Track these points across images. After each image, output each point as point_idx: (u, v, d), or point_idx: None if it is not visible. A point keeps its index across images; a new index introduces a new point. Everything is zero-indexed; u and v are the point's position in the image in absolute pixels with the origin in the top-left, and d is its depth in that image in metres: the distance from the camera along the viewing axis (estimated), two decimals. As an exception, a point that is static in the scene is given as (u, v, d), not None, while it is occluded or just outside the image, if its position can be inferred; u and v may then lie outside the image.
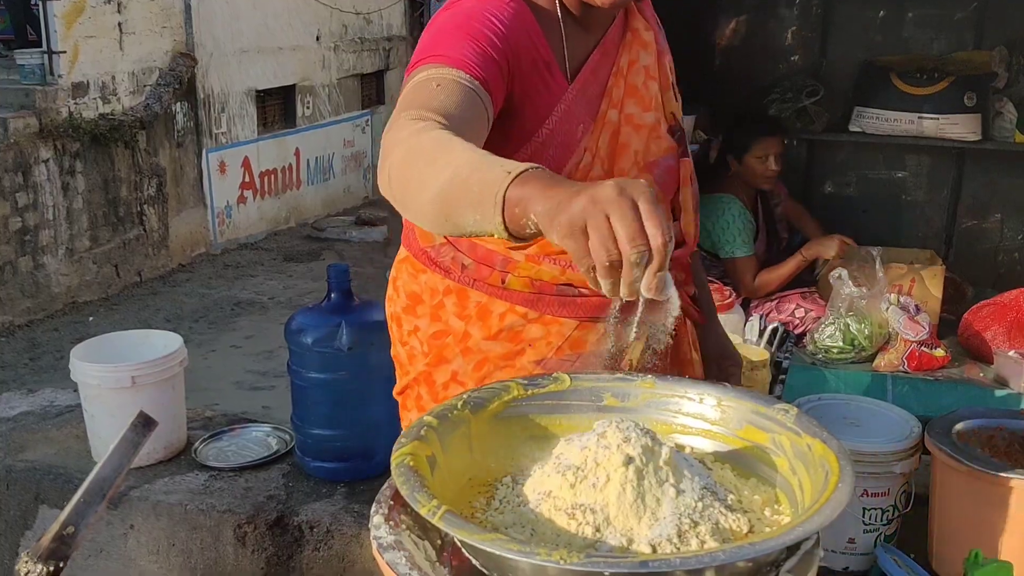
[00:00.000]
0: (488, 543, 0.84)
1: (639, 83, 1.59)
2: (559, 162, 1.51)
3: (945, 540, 2.35)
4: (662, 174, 1.64)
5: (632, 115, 1.58)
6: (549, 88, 1.50)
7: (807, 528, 0.84)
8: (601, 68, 1.57)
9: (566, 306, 1.59)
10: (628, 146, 1.58)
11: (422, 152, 1.18)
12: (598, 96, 1.56)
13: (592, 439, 0.98)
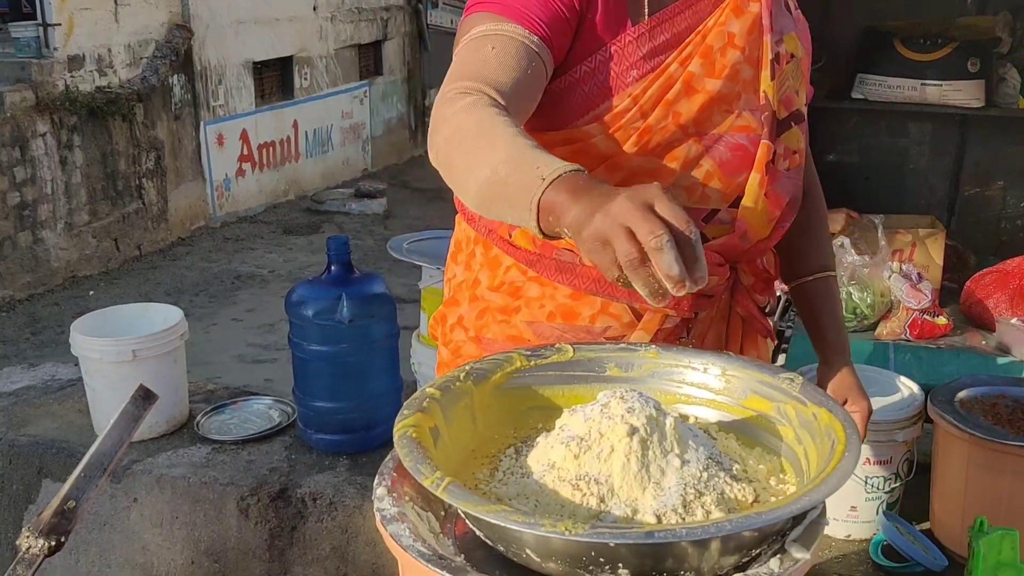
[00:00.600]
0: (492, 514, 0.83)
1: (716, 46, 1.49)
2: (592, 101, 1.45)
3: (947, 508, 2.36)
4: (725, 151, 1.52)
5: (693, 75, 1.48)
6: (608, 25, 1.44)
7: (814, 498, 0.84)
8: (682, 19, 1.48)
9: (563, 271, 1.53)
10: (672, 104, 1.47)
11: (466, 137, 1.20)
12: (669, 47, 1.47)
13: (596, 410, 0.98)
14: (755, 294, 1.70)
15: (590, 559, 0.84)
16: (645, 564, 0.84)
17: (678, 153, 1.49)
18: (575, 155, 1.44)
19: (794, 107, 1.58)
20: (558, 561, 0.87)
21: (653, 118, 1.46)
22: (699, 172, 1.50)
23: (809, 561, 0.87)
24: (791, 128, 1.57)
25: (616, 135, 1.45)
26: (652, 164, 1.48)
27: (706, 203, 1.52)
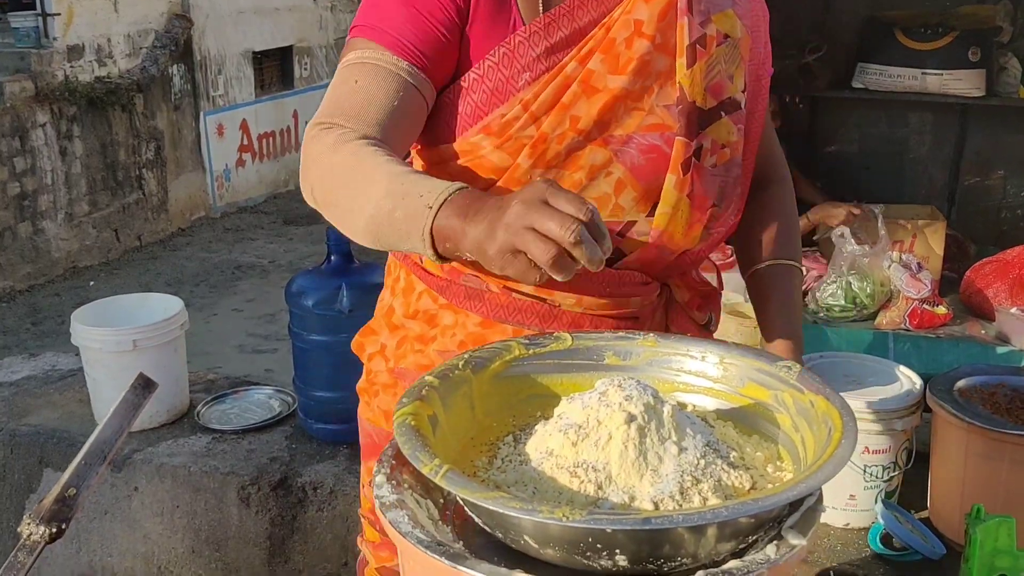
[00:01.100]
0: (491, 501, 0.84)
1: (620, 38, 1.34)
2: (481, 110, 1.34)
3: (945, 496, 2.37)
4: (637, 155, 1.38)
5: (592, 73, 1.33)
6: (496, 27, 1.34)
7: (810, 484, 0.84)
8: (584, 13, 1.35)
9: (472, 298, 1.45)
10: (568, 108, 1.33)
11: (341, 175, 1.19)
12: (568, 44, 1.34)
13: (594, 398, 0.98)
14: (692, 311, 1.56)
15: (587, 545, 0.84)
16: (642, 550, 0.85)
17: (582, 161, 1.36)
18: (468, 170, 1.38)
19: (725, 95, 1.41)
20: (556, 547, 0.87)
21: (547, 124, 1.33)
22: (609, 181, 1.37)
23: (805, 547, 0.88)
24: (720, 119, 1.41)
25: (507, 146, 1.35)
26: (552, 176, 1.36)
27: (619, 215, 1.39)
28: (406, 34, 1.29)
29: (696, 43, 1.36)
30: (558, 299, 1.39)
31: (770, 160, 1.66)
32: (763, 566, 0.84)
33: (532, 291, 1.40)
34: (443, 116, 1.37)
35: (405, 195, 1.10)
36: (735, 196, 1.49)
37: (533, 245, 0.94)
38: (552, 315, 1.41)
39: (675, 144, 1.37)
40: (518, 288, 1.40)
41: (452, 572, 0.84)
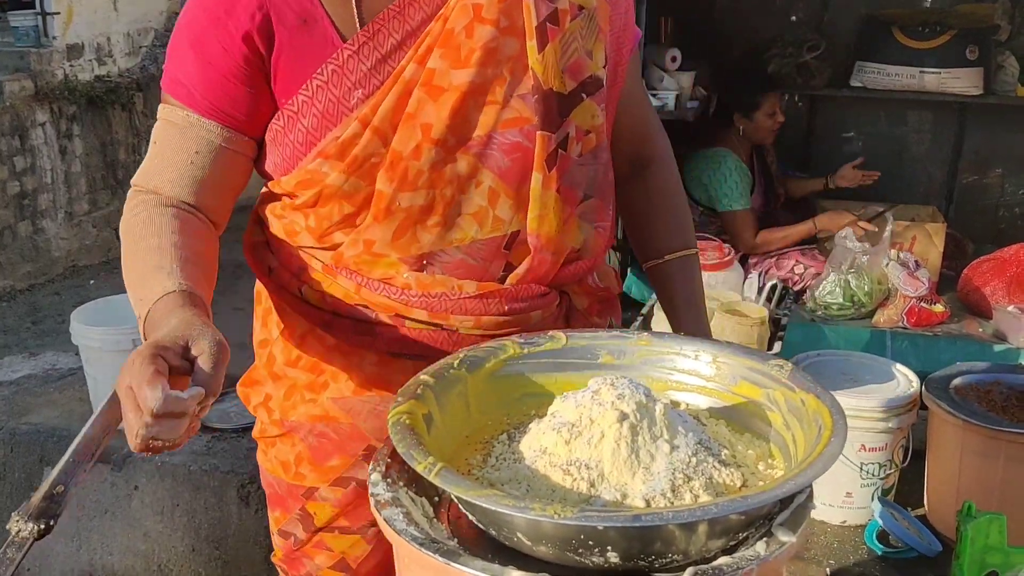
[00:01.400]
0: (483, 499, 0.85)
1: (458, 27, 1.21)
2: (315, 134, 1.25)
3: (940, 494, 2.37)
4: (502, 157, 1.26)
5: (433, 71, 1.21)
6: (314, 49, 1.23)
7: (799, 482, 0.85)
8: (414, 9, 1.23)
9: (362, 333, 1.34)
10: (415, 117, 1.22)
11: (125, 245, 1.28)
12: (402, 48, 1.23)
13: (587, 396, 0.99)
14: (592, 317, 1.49)
15: (579, 542, 0.85)
16: (633, 547, 0.86)
17: (448, 175, 1.26)
18: (320, 203, 1.30)
19: (585, 74, 1.29)
20: (548, 545, 0.88)
21: (397, 141, 1.23)
22: (481, 192, 1.27)
23: (795, 544, 0.88)
24: (582, 102, 1.29)
25: (356, 171, 1.25)
26: (424, 199, 1.26)
27: (500, 228, 1.29)
28: (199, 87, 1.25)
29: (546, 21, 1.23)
30: (455, 323, 1.31)
31: (646, 136, 1.55)
32: (753, 563, 0.85)
33: (427, 318, 1.31)
34: (277, 148, 1.30)
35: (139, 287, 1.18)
36: (608, 183, 1.40)
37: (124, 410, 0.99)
38: (452, 341, 1.32)
39: (537, 139, 1.26)
40: (410, 315, 1.31)
41: (445, 569, 0.85)
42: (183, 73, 1.25)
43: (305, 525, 1.39)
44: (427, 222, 1.28)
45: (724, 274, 2.66)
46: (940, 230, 3.79)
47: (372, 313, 1.33)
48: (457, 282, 1.30)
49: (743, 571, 0.84)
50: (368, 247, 1.30)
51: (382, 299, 1.31)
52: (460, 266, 1.31)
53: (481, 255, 1.31)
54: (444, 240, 1.29)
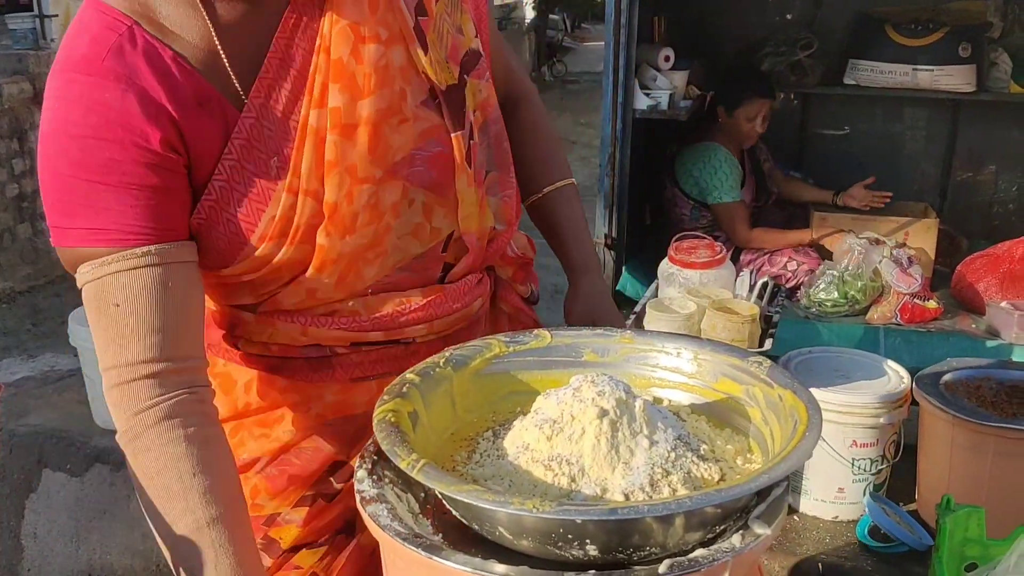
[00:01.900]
0: (464, 494, 0.87)
1: (345, 55, 1.14)
2: (250, 220, 1.16)
3: (931, 488, 2.40)
4: (426, 171, 1.24)
5: (339, 110, 1.14)
6: (216, 130, 1.13)
7: (772, 475, 0.87)
8: (295, 51, 1.15)
9: (320, 370, 1.29)
10: (339, 163, 1.15)
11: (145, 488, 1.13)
12: (295, 97, 1.15)
13: (568, 393, 1.01)
14: (517, 285, 1.50)
15: (559, 536, 0.87)
16: (612, 540, 0.88)
17: (382, 206, 1.21)
18: (269, 275, 1.21)
19: (462, 52, 1.26)
20: (529, 538, 0.90)
21: (330, 193, 1.16)
22: (415, 210, 1.25)
23: (770, 536, 0.90)
24: (466, 82, 1.27)
25: (298, 238, 1.18)
26: (365, 237, 1.21)
27: (438, 236, 1.29)
28: (131, 216, 1.08)
29: (416, 16, 1.20)
30: (410, 334, 1.31)
31: (509, 78, 1.51)
32: (728, 555, 0.87)
33: (383, 337, 1.29)
34: (210, 243, 1.18)
35: None
36: (504, 151, 1.38)
37: None
38: (409, 353, 1.31)
39: (453, 141, 1.24)
40: (366, 340, 1.29)
41: (428, 563, 0.87)
42: (104, 218, 1.08)
43: (270, 551, 1.33)
44: (369, 257, 1.24)
45: (716, 272, 2.68)
46: (933, 227, 3.82)
47: (326, 348, 1.28)
48: (402, 296, 1.29)
49: (718, 563, 0.86)
50: (311, 295, 1.24)
51: (334, 332, 1.27)
52: (404, 281, 1.30)
53: (422, 266, 1.31)
54: (386, 267, 1.27)
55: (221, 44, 1.11)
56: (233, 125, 1.13)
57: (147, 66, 1.07)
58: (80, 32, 1.09)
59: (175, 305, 1.11)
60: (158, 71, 1.08)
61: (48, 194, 1.11)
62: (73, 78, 1.07)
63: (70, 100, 1.07)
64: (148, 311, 1.09)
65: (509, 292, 1.48)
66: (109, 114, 1.06)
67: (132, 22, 1.08)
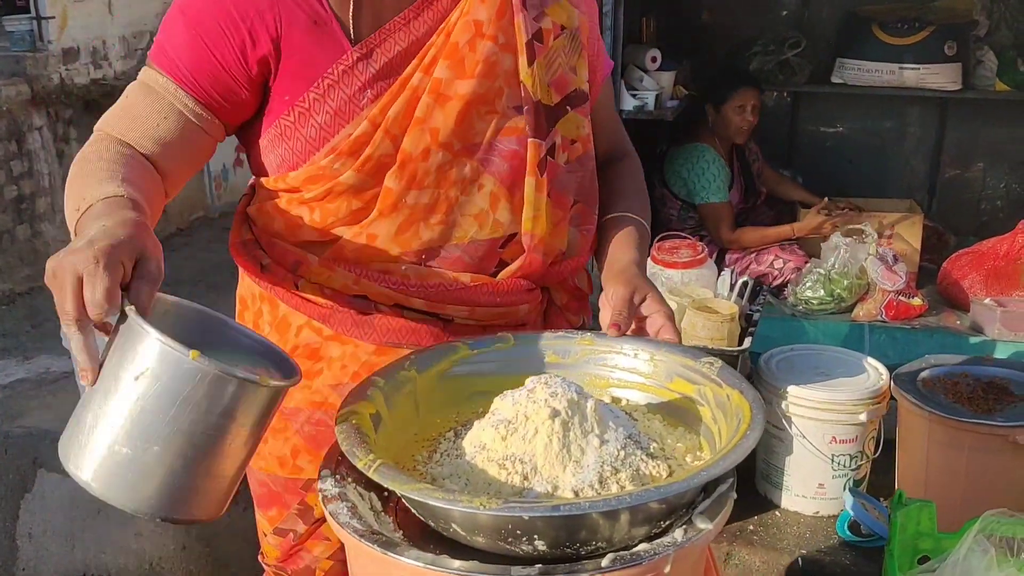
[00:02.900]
0: (416, 492, 0.90)
1: (462, 41, 1.31)
2: (328, 130, 1.32)
3: (910, 484, 2.43)
4: (502, 163, 1.36)
5: (440, 81, 1.30)
6: (324, 49, 1.30)
7: (711, 472, 0.91)
8: (419, 22, 1.32)
9: (361, 326, 1.39)
10: (425, 121, 1.30)
11: (74, 177, 1.25)
12: (407, 56, 1.31)
13: (523, 395, 1.04)
14: (569, 314, 1.55)
15: (508, 532, 0.91)
16: (560, 535, 0.91)
17: (452, 177, 1.34)
18: (328, 199, 1.35)
19: (570, 88, 1.40)
20: (481, 534, 0.94)
21: (408, 142, 1.31)
22: (483, 196, 1.37)
23: (712, 532, 0.94)
24: (567, 114, 1.40)
25: (367, 169, 1.32)
26: (429, 197, 1.34)
27: (499, 230, 1.39)
28: (187, 62, 1.29)
29: (533, 39, 1.34)
30: (451, 313, 1.38)
31: (617, 135, 1.64)
32: (670, 548, 0.90)
33: (424, 307, 1.37)
34: (287, 142, 1.35)
35: (77, 195, 1.17)
36: (593, 190, 1.48)
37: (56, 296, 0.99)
38: (447, 331, 1.39)
39: (528, 146, 1.36)
40: (409, 305, 1.37)
41: (385, 559, 0.91)
42: (173, 47, 1.29)
43: (305, 519, 1.39)
44: (430, 220, 1.35)
45: (697, 271, 2.71)
46: (918, 223, 3.84)
47: (371, 304, 1.38)
48: (453, 274, 1.37)
49: (660, 556, 0.89)
50: (371, 240, 1.35)
51: (382, 289, 1.36)
52: (457, 262, 1.38)
53: (478, 253, 1.38)
54: (445, 237, 1.36)
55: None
56: (340, 52, 1.29)
57: None
58: None
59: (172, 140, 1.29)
60: None
61: (165, 19, 1.32)
62: None
63: None
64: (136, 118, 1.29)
65: (559, 318, 1.52)
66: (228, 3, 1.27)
67: None
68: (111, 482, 0.99)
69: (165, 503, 1.00)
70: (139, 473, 0.98)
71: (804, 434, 2.45)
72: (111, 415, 0.99)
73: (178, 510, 1.01)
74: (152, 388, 0.97)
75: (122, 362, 0.98)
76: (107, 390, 0.99)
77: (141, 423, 0.97)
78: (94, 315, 0.97)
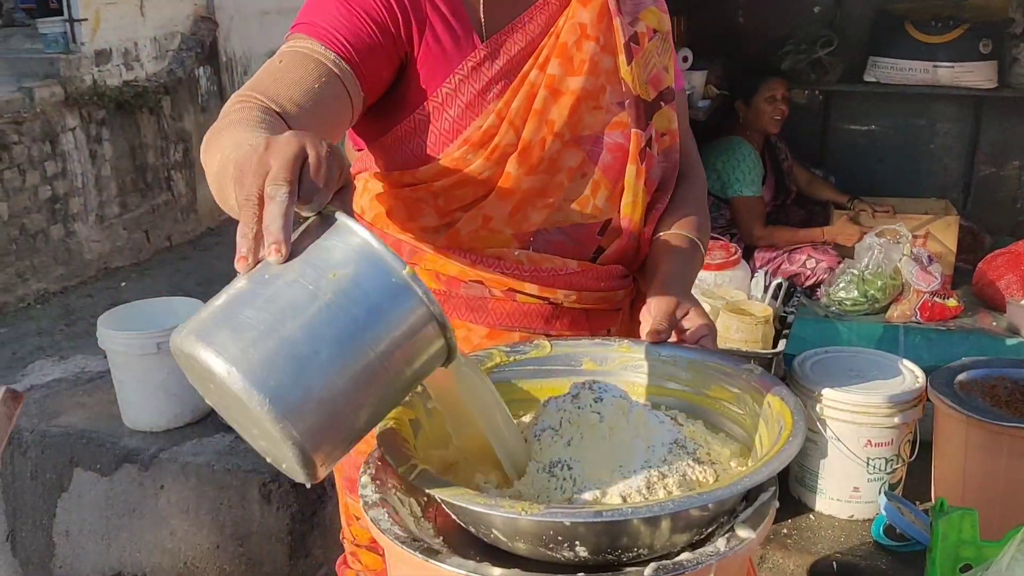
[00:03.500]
0: (457, 498, 0.91)
1: (570, 42, 1.42)
2: (460, 123, 1.41)
3: (946, 488, 2.41)
4: (607, 155, 1.47)
5: (554, 77, 1.41)
6: (458, 45, 1.39)
7: (754, 479, 0.90)
8: (534, 24, 1.43)
9: (474, 310, 1.47)
10: (542, 113, 1.41)
11: (218, 133, 1.14)
12: (525, 55, 1.42)
13: (567, 400, 1.05)
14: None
15: (549, 538, 0.91)
16: (602, 542, 0.91)
17: (562, 165, 1.44)
18: (457, 187, 1.42)
19: (663, 85, 1.52)
20: (523, 540, 0.94)
21: (528, 131, 1.41)
22: (585, 182, 1.46)
23: (755, 541, 0.93)
24: (661, 108, 1.52)
25: (494, 157, 1.41)
26: (541, 182, 1.43)
27: (598, 216, 1.48)
28: (335, 27, 1.31)
29: (630, 41, 1.45)
30: (560, 297, 1.46)
31: (687, 157, 1.67)
32: (712, 558, 0.90)
33: (537, 291, 1.45)
34: (420, 136, 1.42)
35: (242, 143, 1.03)
36: (672, 179, 1.58)
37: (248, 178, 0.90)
38: (555, 315, 1.48)
39: (631, 136, 1.46)
40: (523, 290, 1.45)
41: (425, 566, 0.91)
42: (323, 18, 1.31)
43: None
44: (539, 203, 1.44)
45: (730, 273, 2.70)
46: (953, 223, 3.80)
47: (486, 289, 1.46)
48: (561, 259, 1.46)
49: (703, 566, 0.89)
50: (486, 223, 1.44)
51: (496, 275, 1.44)
52: (560, 246, 1.46)
53: (579, 237, 1.47)
54: (551, 220, 1.45)
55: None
56: (470, 49, 1.38)
57: None
58: None
59: (311, 90, 1.25)
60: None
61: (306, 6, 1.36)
62: None
63: None
64: (292, 80, 1.25)
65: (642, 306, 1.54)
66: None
67: None
68: (259, 367, 0.83)
69: (302, 412, 0.83)
70: (295, 367, 0.83)
71: (839, 437, 2.44)
72: (288, 304, 0.85)
73: (307, 428, 0.84)
74: (348, 289, 0.85)
75: (317, 255, 0.88)
76: (290, 280, 0.86)
77: (321, 319, 0.84)
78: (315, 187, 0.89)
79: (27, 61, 7.89)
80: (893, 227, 3.56)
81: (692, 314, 1.29)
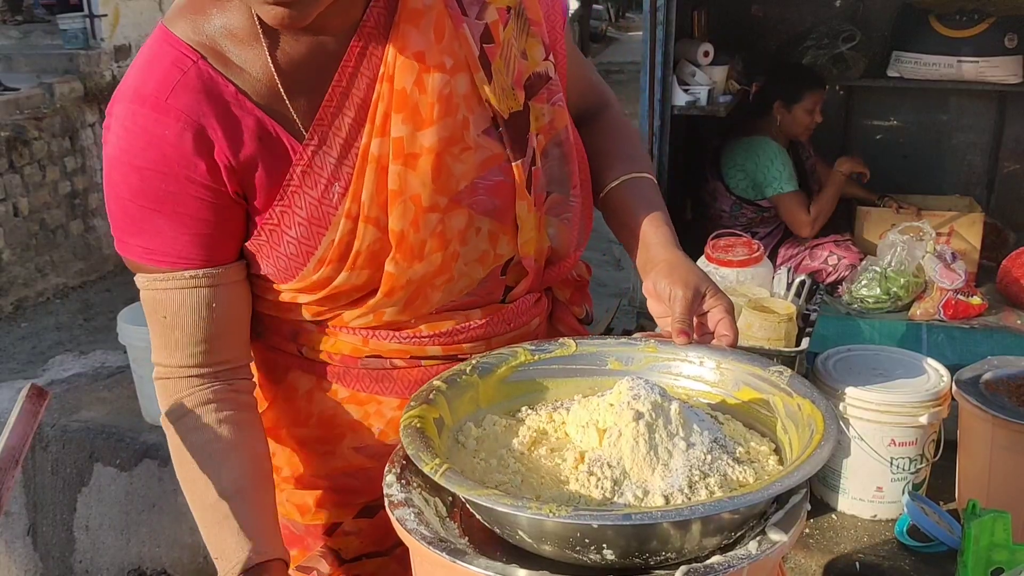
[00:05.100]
0: (483, 498, 0.89)
1: (408, 85, 1.15)
2: (308, 243, 1.20)
3: (971, 488, 2.38)
4: (489, 200, 1.25)
5: (401, 140, 1.16)
6: (278, 156, 1.17)
7: (786, 483, 0.88)
8: (356, 85, 1.16)
9: (380, 381, 1.32)
10: (401, 193, 1.17)
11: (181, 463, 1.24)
12: (358, 125, 1.17)
13: (604, 398, 1.03)
14: (572, 307, 1.50)
15: (576, 540, 0.89)
16: (631, 545, 0.90)
17: (448, 234, 1.23)
18: (329, 300, 1.26)
19: (524, 77, 1.25)
20: (549, 542, 0.92)
21: (394, 220, 1.19)
22: (483, 238, 1.27)
23: (787, 544, 0.92)
24: (532, 108, 1.27)
25: (360, 262, 1.21)
26: (431, 266, 1.24)
27: (500, 261, 1.31)
28: (186, 246, 1.17)
29: (482, 44, 1.20)
30: (467, 350, 1.32)
31: (589, 91, 1.48)
32: (744, 561, 0.88)
33: (442, 353, 1.32)
34: (267, 260, 1.23)
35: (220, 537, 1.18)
36: (568, 172, 1.34)
37: None
38: None
39: (514, 171, 1.25)
40: (425, 355, 1.32)
41: (452, 566, 0.90)
42: (158, 241, 1.18)
43: (329, 560, 1.37)
44: (437, 283, 1.27)
45: (753, 270, 2.67)
46: (977, 220, 3.76)
47: (387, 360, 1.32)
48: (463, 314, 1.32)
49: (734, 569, 0.87)
50: (377, 317, 1.28)
51: (394, 345, 1.30)
52: (465, 304, 1.32)
53: (485, 290, 1.33)
54: (453, 292, 1.30)
55: (284, 78, 1.15)
56: (295, 154, 1.17)
57: (209, 105, 1.13)
58: (150, 65, 1.16)
59: (218, 320, 1.21)
60: (219, 109, 1.14)
61: (112, 211, 1.20)
62: (138, 111, 1.14)
63: (134, 132, 1.14)
64: (192, 327, 1.20)
65: (566, 313, 1.49)
66: (168, 150, 1.13)
67: (198, 57, 1.14)
68: None
69: None
70: None
71: (862, 436, 2.41)
72: None
73: None
74: None
75: None
76: None
77: None
78: None
79: (47, 57, 7.94)
80: (916, 224, 3.53)
81: (708, 295, 1.19)
